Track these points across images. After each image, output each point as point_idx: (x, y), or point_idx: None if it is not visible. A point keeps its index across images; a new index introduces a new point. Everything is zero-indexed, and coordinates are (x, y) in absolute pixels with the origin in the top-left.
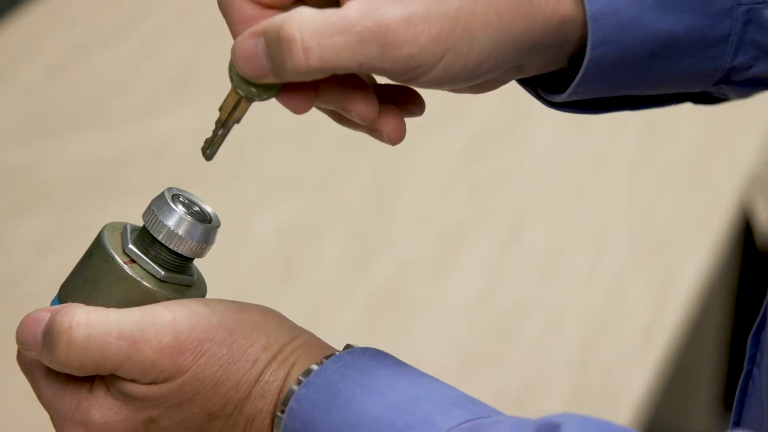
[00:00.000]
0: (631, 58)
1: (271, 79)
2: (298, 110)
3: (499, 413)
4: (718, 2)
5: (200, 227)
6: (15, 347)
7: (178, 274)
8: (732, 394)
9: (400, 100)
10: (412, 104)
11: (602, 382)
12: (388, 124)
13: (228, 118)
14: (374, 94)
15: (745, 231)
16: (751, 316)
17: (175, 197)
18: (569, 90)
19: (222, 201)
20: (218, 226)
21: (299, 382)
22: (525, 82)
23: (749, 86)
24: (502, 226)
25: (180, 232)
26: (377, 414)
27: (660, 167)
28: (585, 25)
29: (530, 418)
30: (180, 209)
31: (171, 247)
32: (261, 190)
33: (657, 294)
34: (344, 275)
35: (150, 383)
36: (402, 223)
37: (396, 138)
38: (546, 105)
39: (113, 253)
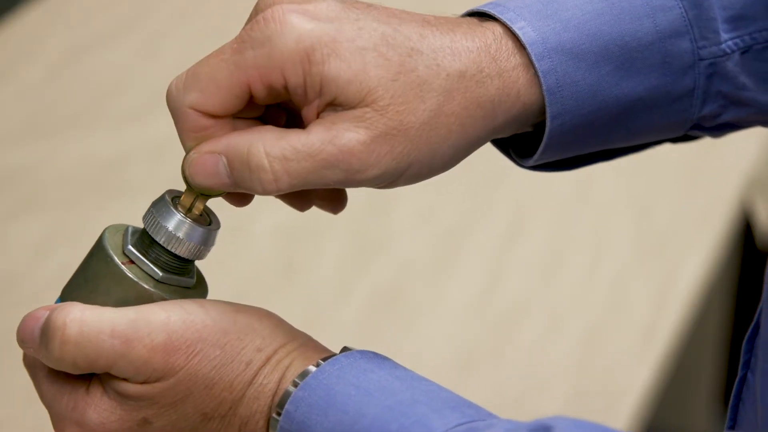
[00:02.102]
0: (592, 123)
1: (230, 190)
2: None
3: (494, 416)
4: (679, 60)
5: (200, 229)
6: (15, 347)
7: (177, 276)
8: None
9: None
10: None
11: (602, 382)
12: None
13: (187, 214)
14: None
15: (745, 231)
16: (751, 316)
17: (176, 199)
18: (535, 157)
19: (222, 200)
20: (218, 228)
21: (295, 384)
22: (497, 144)
23: (723, 129)
24: (502, 226)
25: (179, 235)
26: (373, 416)
27: (660, 167)
28: (543, 96)
29: (523, 422)
30: (180, 212)
31: (170, 249)
32: None
33: (657, 294)
34: (344, 275)
35: (143, 382)
36: (402, 223)
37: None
38: (519, 166)
39: (112, 253)
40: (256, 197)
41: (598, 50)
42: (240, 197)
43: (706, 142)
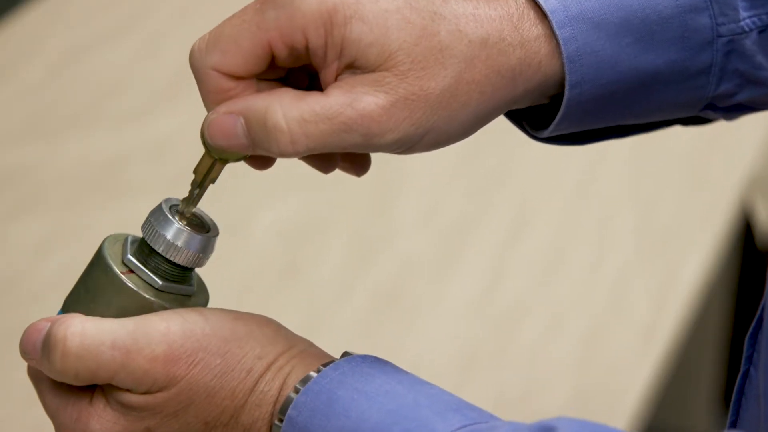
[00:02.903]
0: (611, 95)
1: (248, 152)
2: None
3: (496, 418)
4: (698, 35)
5: (198, 237)
6: (15, 347)
7: (178, 284)
8: (732, 393)
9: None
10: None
11: (603, 381)
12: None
13: (204, 180)
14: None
15: (745, 231)
16: (751, 315)
17: (173, 208)
18: (551, 127)
19: (223, 200)
20: (216, 235)
21: (297, 390)
22: (511, 116)
23: (736, 111)
24: (503, 225)
25: (178, 243)
26: (376, 420)
27: (660, 167)
28: (563, 66)
29: (526, 423)
30: (177, 220)
31: (169, 257)
32: (262, 189)
33: (657, 293)
34: (346, 274)
35: (145, 392)
36: (403, 222)
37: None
38: (532, 138)
39: (112, 263)
40: (260, 194)
41: (619, 21)
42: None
43: (707, 142)
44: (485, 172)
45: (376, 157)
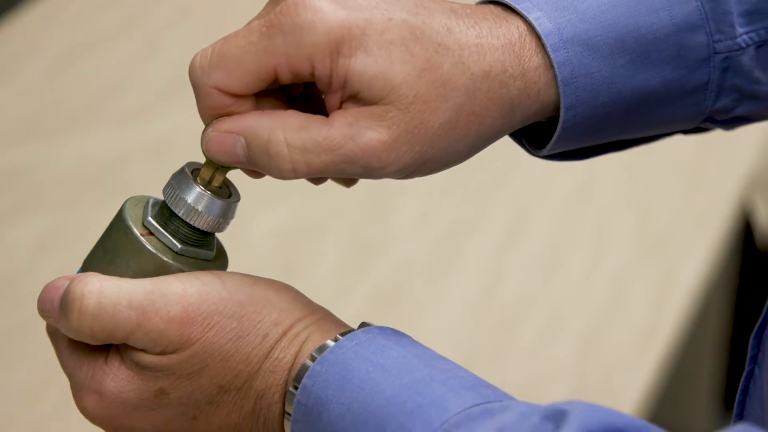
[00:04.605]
0: (607, 115)
1: (246, 167)
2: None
3: (511, 398)
4: (694, 53)
5: (219, 202)
6: (15, 347)
7: (196, 249)
8: (732, 393)
9: None
10: None
11: (602, 381)
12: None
13: (207, 185)
14: None
15: (745, 231)
16: (752, 316)
17: (195, 172)
18: (548, 147)
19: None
20: (238, 200)
21: (313, 359)
22: (510, 133)
23: (735, 123)
24: (502, 226)
25: (199, 208)
26: (390, 394)
27: (660, 167)
28: (559, 89)
29: (539, 405)
30: (199, 184)
31: (189, 221)
32: (260, 192)
33: (657, 294)
34: (343, 276)
35: (160, 353)
36: (401, 223)
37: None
38: (531, 155)
39: (132, 225)
40: (258, 196)
41: (614, 42)
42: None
43: (707, 143)
44: (484, 174)
45: None
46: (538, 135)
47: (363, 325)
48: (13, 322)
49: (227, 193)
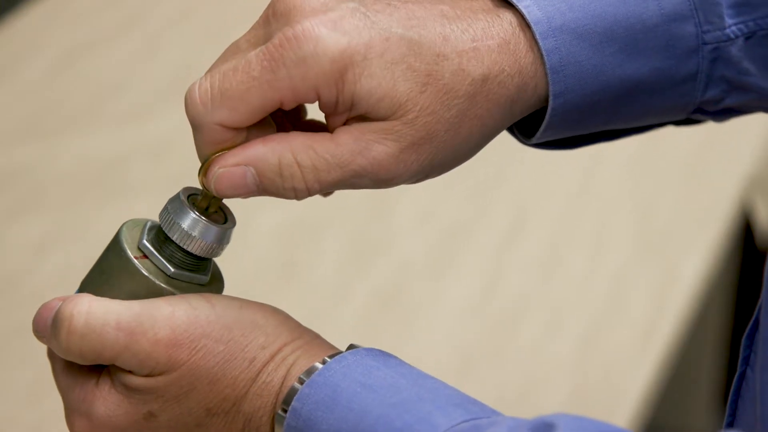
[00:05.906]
0: (596, 104)
1: (255, 196)
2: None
3: (498, 414)
4: (683, 43)
5: (214, 228)
6: (15, 347)
7: (190, 273)
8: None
9: None
10: None
11: (602, 381)
12: None
13: (204, 213)
14: None
15: (745, 230)
16: (751, 316)
17: (192, 197)
18: (537, 135)
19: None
20: (233, 226)
21: (301, 381)
22: None
23: (725, 114)
24: (502, 226)
25: (194, 233)
26: (378, 413)
27: (660, 167)
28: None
29: (526, 419)
30: (195, 210)
31: (184, 247)
32: None
33: (657, 293)
34: (344, 275)
35: (147, 375)
36: (401, 223)
37: None
38: (522, 143)
39: (126, 247)
40: None
41: (603, 31)
42: None
43: (707, 142)
44: (484, 172)
45: None
46: (529, 123)
47: (351, 347)
48: (13, 322)
49: (223, 218)
